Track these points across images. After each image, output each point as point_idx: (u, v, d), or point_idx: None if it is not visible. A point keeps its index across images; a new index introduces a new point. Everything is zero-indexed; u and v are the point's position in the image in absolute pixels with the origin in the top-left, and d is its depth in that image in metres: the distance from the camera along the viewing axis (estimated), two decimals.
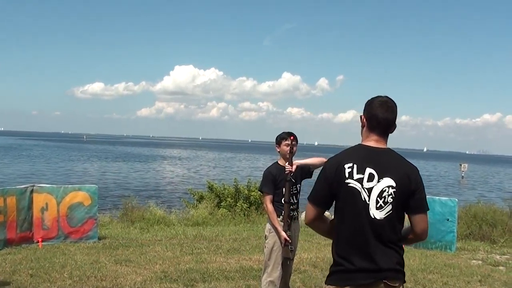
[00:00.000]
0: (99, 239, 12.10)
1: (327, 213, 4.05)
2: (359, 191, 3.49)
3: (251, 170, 61.99)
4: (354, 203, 3.50)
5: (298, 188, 6.44)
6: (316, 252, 11.35)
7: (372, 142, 3.63)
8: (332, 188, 3.58)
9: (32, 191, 11.38)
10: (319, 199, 3.67)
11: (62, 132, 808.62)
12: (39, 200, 11.44)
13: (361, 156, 3.58)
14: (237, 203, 18.48)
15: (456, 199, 12.83)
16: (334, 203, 3.67)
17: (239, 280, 8.79)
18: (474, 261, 11.23)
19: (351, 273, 3.50)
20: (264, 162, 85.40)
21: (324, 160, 6.70)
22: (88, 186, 12.51)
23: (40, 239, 11.35)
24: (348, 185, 3.51)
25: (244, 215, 17.97)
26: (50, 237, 11.52)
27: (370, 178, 3.49)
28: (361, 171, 3.51)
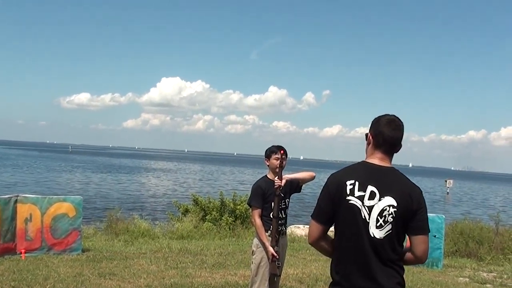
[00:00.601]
0: (83, 251, 11.94)
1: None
2: (359, 208, 3.42)
3: (237, 183, 61.94)
4: (354, 221, 3.43)
5: (287, 203, 6.36)
6: (302, 267, 11.25)
7: (376, 159, 3.56)
8: (333, 205, 3.50)
9: (16, 201, 11.22)
10: (323, 216, 3.58)
11: (48, 142, 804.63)
12: (23, 210, 11.28)
13: (364, 173, 3.51)
14: (222, 216, 18.34)
15: (443, 216, 12.80)
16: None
17: None
18: (461, 278, 11.21)
19: None
20: (249, 175, 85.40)
21: (313, 174, 6.65)
22: (73, 197, 12.36)
23: (23, 251, 11.17)
24: (349, 202, 3.44)
25: (230, 229, 17.84)
26: (33, 249, 11.34)
27: (371, 196, 3.42)
28: (362, 188, 3.44)
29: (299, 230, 18.69)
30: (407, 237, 3.54)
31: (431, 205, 42.81)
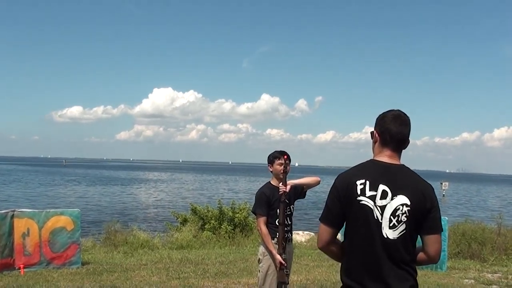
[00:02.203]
0: (83, 264, 11.81)
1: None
2: (371, 208, 3.27)
3: (233, 192, 61.79)
4: (366, 222, 3.28)
5: (292, 209, 6.22)
6: (305, 274, 11.13)
7: (385, 157, 3.42)
8: (343, 206, 3.35)
9: (12, 216, 11.08)
10: (333, 219, 3.42)
11: (42, 156, 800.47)
12: (20, 225, 11.14)
13: (374, 172, 3.36)
14: (221, 225, 18.27)
15: (446, 218, 12.70)
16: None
17: None
18: (466, 280, 11.10)
19: None
20: (245, 184, 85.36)
21: (319, 179, 6.52)
22: (70, 210, 12.22)
23: (21, 266, 11.02)
24: (360, 202, 3.29)
25: (229, 237, 17.80)
26: (32, 264, 11.20)
27: (383, 195, 3.28)
28: (373, 188, 3.29)
29: (298, 236, 18.58)
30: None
31: None
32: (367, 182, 3.31)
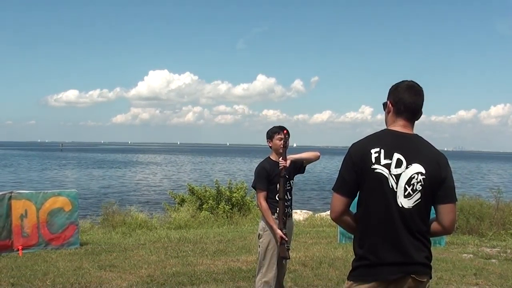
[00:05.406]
0: (81, 245, 11.79)
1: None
2: (386, 177, 3.24)
3: (231, 172, 61.84)
4: (381, 191, 3.24)
5: (292, 184, 6.19)
6: (304, 251, 11.13)
7: (399, 127, 3.40)
8: (357, 175, 3.31)
9: (10, 198, 11.03)
10: (347, 188, 3.37)
11: (39, 141, 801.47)
12: (18, 207, 11.09)
13: (389, 141, 3.33)
14: (219, 205, 18.33)
15: None
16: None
17: (228, 281, 8.55)
18: (465, 254, 11.11)
19: (378, 267, 3.25)
20: (241, 165, 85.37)
21: (318, 154, 6.48)
22: (68, 191, 12.17)
23: (20, 247, 10.98)
24: (375, 171, 3.25)
25: (227, 217, 17.86)
26: (30, 245, 11.15)
27: (398, 163, 3.25)
28: (388, 156, 3.26)
29: (296, 215, 18.58)
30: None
31: None
32: (382, 151, 3.28)
